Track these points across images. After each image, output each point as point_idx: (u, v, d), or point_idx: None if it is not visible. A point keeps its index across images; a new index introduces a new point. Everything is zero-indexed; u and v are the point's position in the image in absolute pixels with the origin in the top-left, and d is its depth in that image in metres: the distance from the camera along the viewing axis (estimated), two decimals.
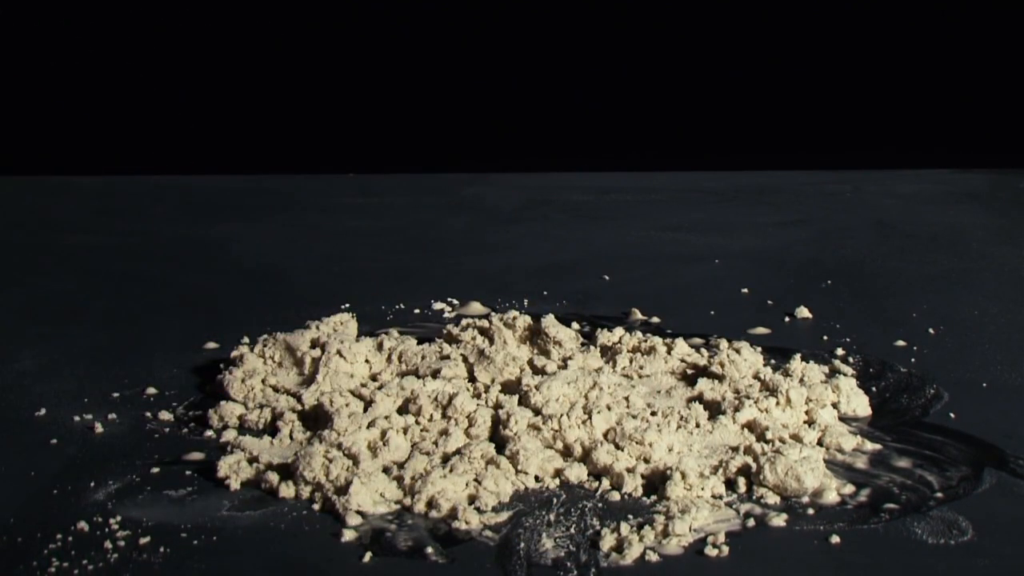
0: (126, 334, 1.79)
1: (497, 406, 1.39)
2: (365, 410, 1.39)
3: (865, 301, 1.96)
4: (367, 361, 1.54)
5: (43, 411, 1.46)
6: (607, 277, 2.09)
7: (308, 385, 1.49)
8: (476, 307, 1.90)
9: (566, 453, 1.31)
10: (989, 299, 1.96)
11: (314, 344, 1.57)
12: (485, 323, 1.63)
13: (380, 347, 1.57)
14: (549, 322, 1.59)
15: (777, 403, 1.42)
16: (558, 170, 3.05)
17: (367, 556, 1.12)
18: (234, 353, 1.57)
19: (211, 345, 1.71)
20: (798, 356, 1.55)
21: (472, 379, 1.50)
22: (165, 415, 1.45)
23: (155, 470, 1.29)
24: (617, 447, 1.31)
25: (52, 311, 1.91)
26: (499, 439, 1.34)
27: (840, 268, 2.16)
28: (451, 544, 1.14)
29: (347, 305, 1.90)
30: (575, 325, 1.79)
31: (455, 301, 1.93)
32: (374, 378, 1.53)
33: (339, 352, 1.51)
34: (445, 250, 2.32)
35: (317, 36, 3.51)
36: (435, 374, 1.49)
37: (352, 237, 2.42)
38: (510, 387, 1.48)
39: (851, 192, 2.85)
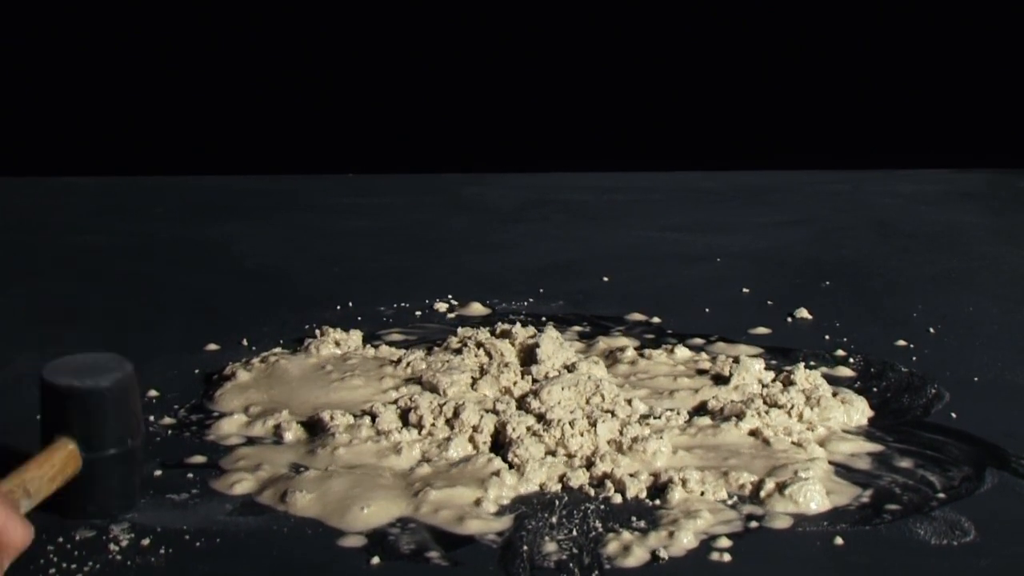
0: (126, 336, 1.78)
1: (499, 413, 1.39)
2: (372, 421, 1.39)
3: (865, 301, 1.96)
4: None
5: None
6: (607, 279, 2.09)
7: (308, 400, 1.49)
8: (476, 307, 1.90)
9: (568, 459, 1.31)
10: (989, 299, 1.97)
11: (315, 367, 1.57)
12: (485, 335, 1.63)
13: (382, 365, 1.57)
14: (544, 352, 1.57)
15: (780, 408, 1.42)
16: (558, 170, 3.05)
17: (372, 559, 1.12)
18: (227, 369, 1.57)
19: (212, 347, 1.71)
20: (801, 365, 1.55)
21: (474, 387, 1.50)
22: (167, 418, 1.45)
23: (157, 473, 1.29)
24: (620, 452, 1.31)
25: (52, 312, 1.91)
26: (502, 446, 1.33)
27: (840, 268, 2.16)
28: (454, 547, 1.14)
29: (350, 304, 1.90)
30: (576, 327, 1.79)
31: (455, 301, 1.93)
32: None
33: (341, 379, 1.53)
34: (445, 250, 2.32)
35: (317, 36, 3.51)
36: (437, 384, 1.49)
37: (352, 237, 2.42)
38: (511, 393, 1.48)
39: (851, 192, 2.85)
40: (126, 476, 1.17)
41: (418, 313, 1.88)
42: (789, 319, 1.86)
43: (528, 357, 1.57)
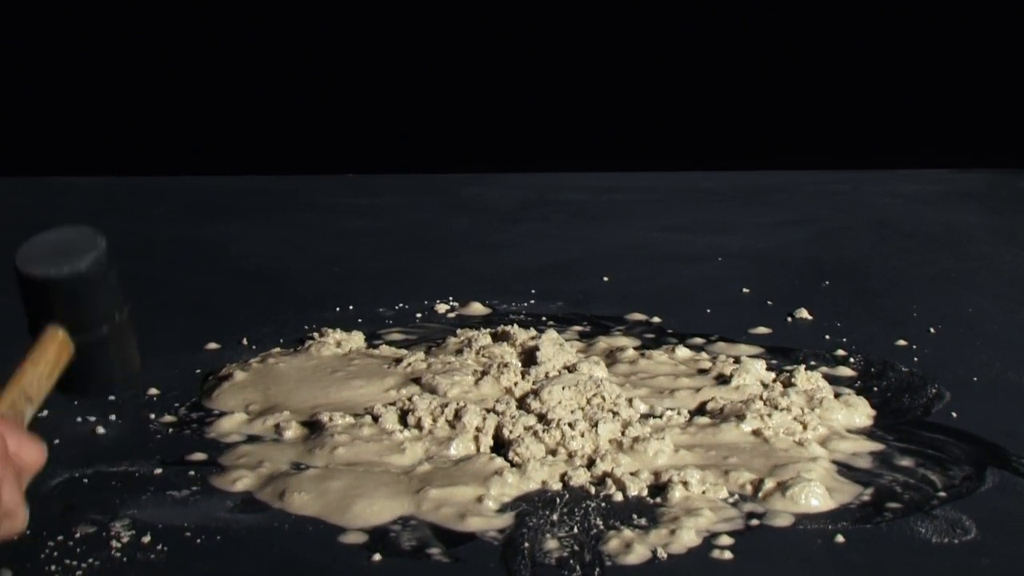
0: None
1: (501, 413, 1.38)
2: (374, 421, 1.38)
3: (865, 301, 1.96)
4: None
5: (45, 412, 1.45)
6: (607, 279, 2.09)
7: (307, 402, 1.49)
8: (476, 307, 1.90)
9: (569, 458, 1.31)
10: (989, 299, 1.97)
11: (313, 368, 1.57)
12: (485, 336, 1.63)
13: (383, 365, 1.57)
14: (544, 354, 1.56)
15: (781, 411, 1.41)
16: (558, 170, 3.05)
17: (374, 556, 1.12)
18: (224, 370, 1.57)
19: (212, 346, 1.71)
20: (802, 367, 1.55)
21: (475, 387, 1.50)
22: (167, 416, 1.45)
23: (158, 471, 1.29)
24: (621, 451, 1.31)
25: None
26: (503, 446, 1.33)
27: (840, 268, 2.16)
28: (455, 544, 1.14)
29: (350, 307, 1.89)
30: (576, 327, 1.79)
31: (455, 302, 1.93)
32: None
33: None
34: (445, 250, 2.32)
35: (317, 36, 3.51)
36: (437, 386, 1.48)
37: (352, 237, 2.42)
38: (512, 394, 1.47)
39: (851, 192, 2.85)
40: (122, 349, 1.12)
41: (419, 315, 1.88)
42: (789, 319, 1.86)
43: (529, 358, 1.57)
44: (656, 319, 1.85)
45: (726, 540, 1.15)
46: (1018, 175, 2.99)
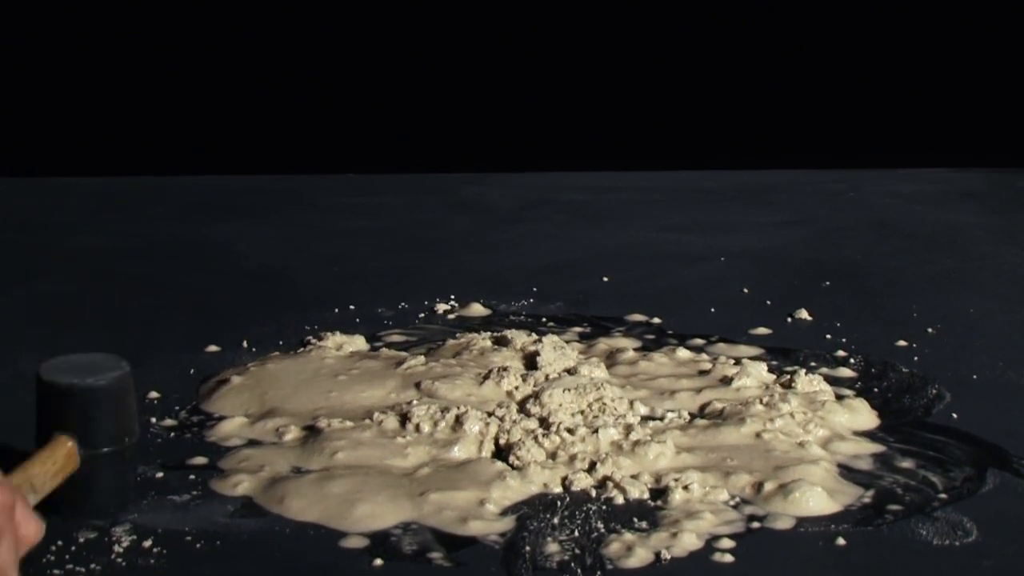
0: (126, 336, 1.78)
1: (501, 418, 1.38)
2: (374, 425, 1.38)
3: (865, 301, 1.96)
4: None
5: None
6: (606, 279, 2.09)
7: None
8: (476, 308, 1.90)
9: (570, 461, 1.31)
10: (989, 299, 1.97)
11: (313, 372, 1.56)
12: (485, 339, 1.63)
13: (383, 369, 1.57)
14: (545, 358, 1.56)
15: (782, 413, 1.41)
16: (558, 170, 3.05)
17: (375, 561, 1.12)
18: (221, 375, 1.57)
19: (212, 348, 1.70)
20: (803, 371, 1.55)
21: (475, 392, 1.49)
22: (168, 420, 1.45)
23: (159, 475, 1.29)
24: (621, 454, 1.31)
25: (52, 312, 1.90)
26: (503, 449, 1.33)
27: (840, 268, 2.16)
28: (456, 548, 1.14)
29: (351, 307, 1.89)
30: (576, 328, 1.79)
31: (455, 303, 1.93)
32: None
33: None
34: (445, 250, 2.32)
35: (317, 36, 3.51)
36: (436, 390, 1.48)
37: (352, 237, 2.42)
38: (512, 397, 1.47)
39: (851, 192, 2.85)
40: (122, 475, 1.18)
41: (421, 315, 1.88)
42: (789, 319, 1.86)
43: (529, 362, 1.57)
44: (656, 320, 1.85)
45: (727, 543, 1.15)
46: (1018, 175, 2.99)
